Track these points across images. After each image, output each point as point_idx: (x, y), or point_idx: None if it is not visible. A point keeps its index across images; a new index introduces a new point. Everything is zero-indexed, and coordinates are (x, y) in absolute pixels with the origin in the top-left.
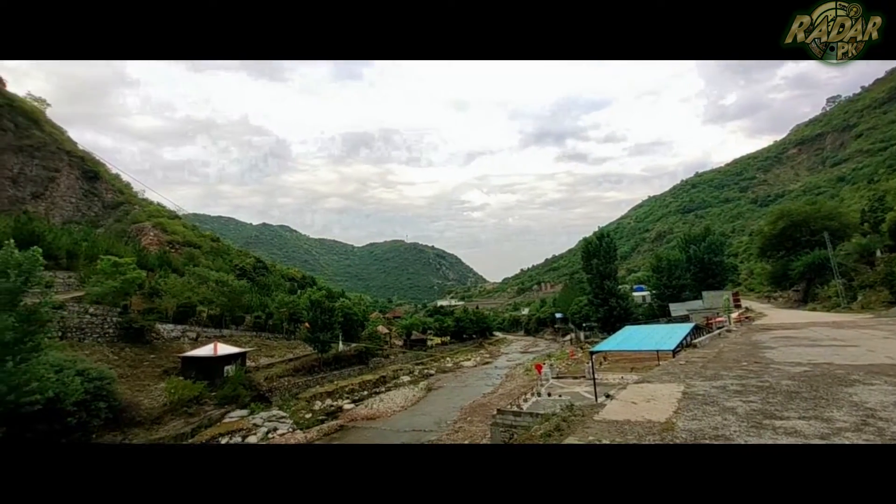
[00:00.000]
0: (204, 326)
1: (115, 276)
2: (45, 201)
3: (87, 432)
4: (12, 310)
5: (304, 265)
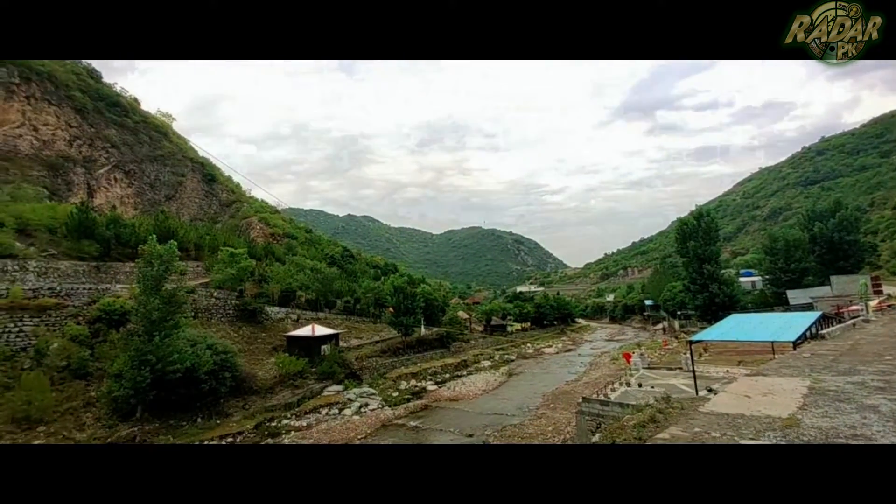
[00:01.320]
0: (303, 309)
1: (232, 265)
2: (176, 202)
3: (216, 397)
4: (157, 293)
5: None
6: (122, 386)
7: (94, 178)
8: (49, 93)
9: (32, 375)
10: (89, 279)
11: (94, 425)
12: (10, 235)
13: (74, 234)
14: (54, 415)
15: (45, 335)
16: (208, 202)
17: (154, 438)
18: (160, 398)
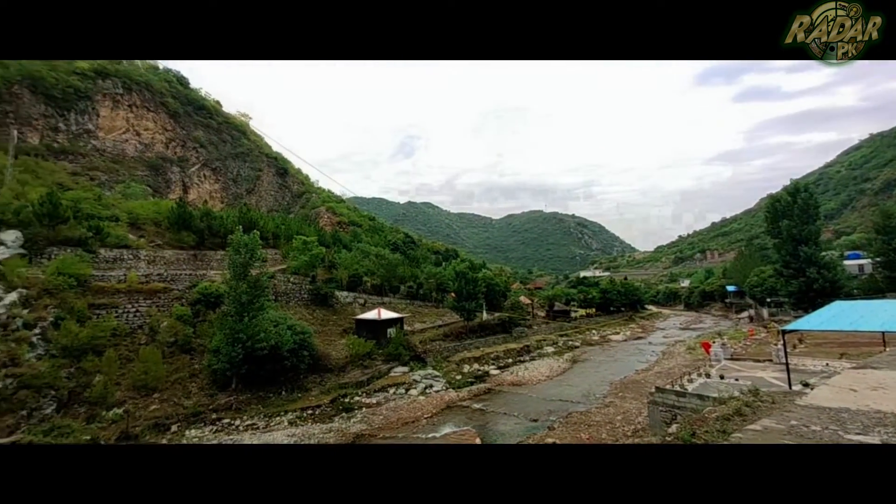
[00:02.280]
0: (369, 294)
1: (305, 252)
2: (255, 195)
3: (297, 373)
4: (244, 279)
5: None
6: (220, 360)
7: (188, 175)
8: (147, 100)
9: (148, 350)
10: (188, 266)
11: (199, 394)
12: (124, 229)
13: (175, 227)
14: (166, 384)
15: (156, 315)
16: (282, 194)
17: (247, 407)
18: (251, 372)
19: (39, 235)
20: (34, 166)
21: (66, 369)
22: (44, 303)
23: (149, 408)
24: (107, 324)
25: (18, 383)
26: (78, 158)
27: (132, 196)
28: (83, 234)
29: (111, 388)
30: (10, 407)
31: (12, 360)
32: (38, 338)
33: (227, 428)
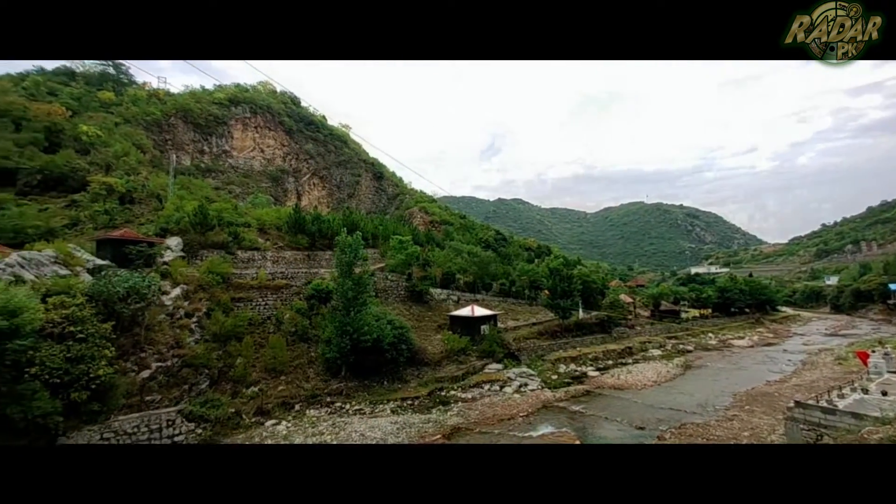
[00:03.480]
0: (462, 291)
1: (401, 251)
2: (355, 199)
3: (397, 365)
4: (349, 276)
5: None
6: (331, 350)
7: (300, 184)
8: (269, 121)
9: (275, 338)
10: (304, 265)
11: (315, 378)
12: (254, 234)
13: (292, 231)
14: (290, 368)
15: (281, 308)
16: (378, 197)
17: (355, 393)
18: (357, 362)
19: (194, 241)
20: (188, 184)
21: (216, 352)
22: (199, 296)
23: (277, 388)
24: (244, 314)
25: (182, 362)
26: (218, 175)
27: (259, 205)
28: (225, 239)
29: (249, 370)
30: (176, 381)
31: (177, 343)
32: (195, 325)
33: (339, 411)
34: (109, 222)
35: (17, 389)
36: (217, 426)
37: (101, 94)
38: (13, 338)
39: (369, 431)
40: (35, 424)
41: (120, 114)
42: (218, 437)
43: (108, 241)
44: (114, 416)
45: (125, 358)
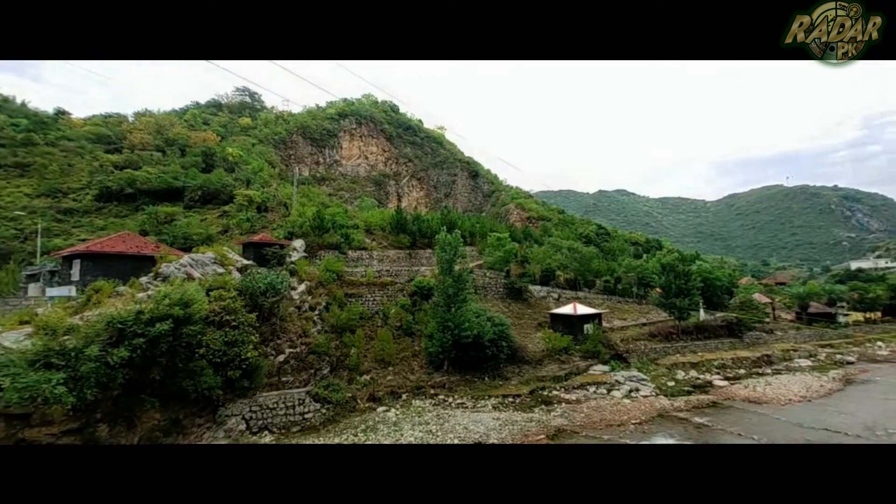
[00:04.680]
0: (562, 288)
1: (499, 248)
2: (452, 198)
3: (497, 362)
4: (449, 274)
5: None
6: (433, 344)
7: (400, 186)
8: (372, 130)
9: (383, 331)
10: (406, 263)
11: (419, 371)
12: (362, 234)
13: (395, 231)
14: (397, 360)
15: (387, 304)
16: (474, 195)
17: (457, 388)
18: (458, 357)
19: (313, 242)
20: (307, 192)
21: (334, 342)
22: (319, 292)
23: (386, 378)
24: (356, 309)
25: (308, 350)
26: (331, 183)
27: (365, 208)
28: (338, 240)
29: (361, 359)
30: (304, 366)
31: (304, 332)
32: (317, 317)
33: (442, 403)
34: (250, 228)
35: (190, 366)
36: (337, 408)
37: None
38: (187, 324)
39: (472, 425)
40: (203, 395)
41: (255, 135)
42: (338, 417)
43: (250, 244)
44: (259, 392)
45: (265, 344)
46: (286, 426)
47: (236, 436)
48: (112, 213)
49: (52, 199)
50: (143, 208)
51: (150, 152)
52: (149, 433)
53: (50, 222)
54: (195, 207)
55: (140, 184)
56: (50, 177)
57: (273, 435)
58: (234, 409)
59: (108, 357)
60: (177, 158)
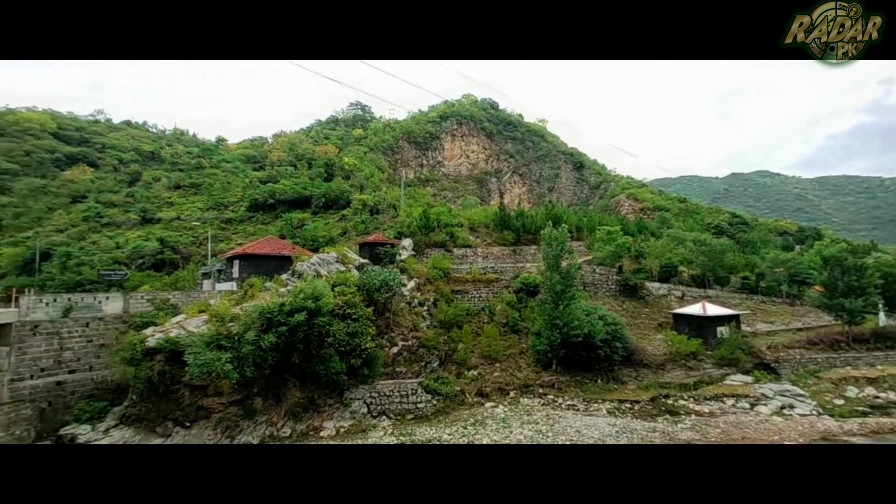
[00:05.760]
0: (686, 286)
1: (609, 243)
2: (555, 192)
3: (611, 364)
4: (556, 270)
5: (797, 215)
6: (541, 342)
7: (502, 183)
8: (472, 129)
9: (489, 328)
10: (510, 260)
11: (527, 369)
12: (466, 232)
13: (498, 228)
14: (503, 356)
15: (492, 300)
16: (579, 188)
17: (567, 388)
18: (568, 356)
19: (421, 241)
20: (413, 193)
21: (442, 336)
22: (427, 288)
23: (493, 374)
24: (462, 305)
25: (418, 343)
26: (434, 183)
27: (468, 206)
28: (443, 238)
29: (468, 355)
30: (415, 358)
31: (415, 327)
32: (426, 312)
33: (551, 403)
34: (365, 230)
35: (321, 353)
36: (447, 400)
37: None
38: (317, 315)
39: (585, 429)
40: (332, 379)
41: (366, 144)
42: (448, 409)
43: (365, 244)
44: (377, 380)
45: (381, 336)
46: (401, 413)
47: (359, 417)
48: (259, 220)
49: (217, 211)
50: (281, 215)
51: (286, 167)
52: (291, 408)
53: (216, 230)
54: (320, 213)
55: (278, 195)
56: (215, 193)
57: (390, 420)
58: (357, 393)
59: (260, 341)
60: (305, 171)
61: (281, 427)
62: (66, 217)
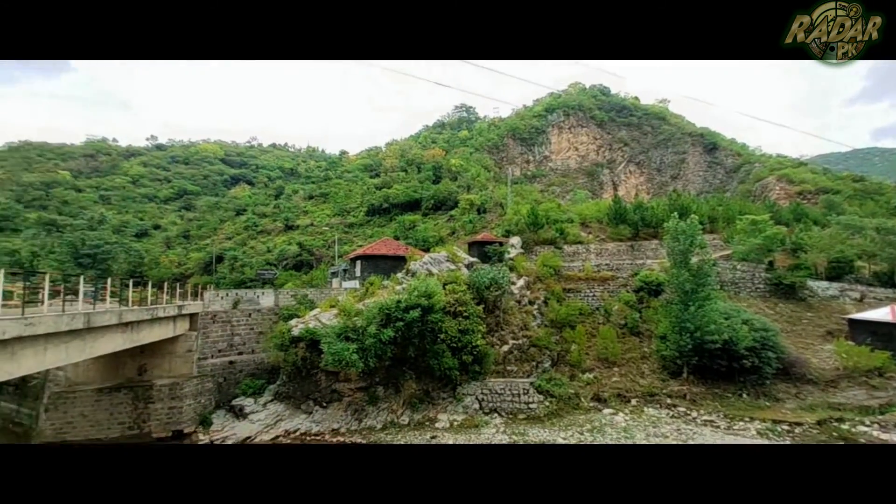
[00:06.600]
0: (868, 285)
1: (755, 234)
2: (681, 180)
3: (761, 377)
4: (685, 266)
5: None
6: (668, 347)
7: (615, 174)
8: (580, 119)
9: (605, 329)
10: (627, 256)
11: (651, 376)
12: (577, 228)
13: (613, 222)
14: (622, 360)
15: (608, 299)
16: (712, 172)
17: (702, 400)
18: (702, 365)
19: (529, 239)
20: (520, 191)
21: (554, 336)
22: (537, 287)
23: (611, 378)
24: (575, 304)
25: (529, 342)
26: (541, 179)
27: (578, 201)
28: (553, 235)
29: (583, 356)
30: (526, 358)
31: (525, 325)
32: (536, 311)
33: (682, 416)
34: (472, 229)
35: (434, 348)
36: (560, 402)
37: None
38: (430, 312)
39: None
40: (445, 374)
41: (472, 145)
42: (562, 412)
43: (474, 243)
44: (488, 377)
45: (491, 334)
46: (513, 412)
47: (472, 412)
48: (376, 223)
49: (341, 217)
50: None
51: (398, 173)
52: (409, 399)
53: (341, 233)
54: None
55: (392, 199)
56: (339, 201)
57: (502, 418)
58: (469, 389)
59: (380, 335)
60: (415, 175)
61: (400, 415)
62: (232, 227)
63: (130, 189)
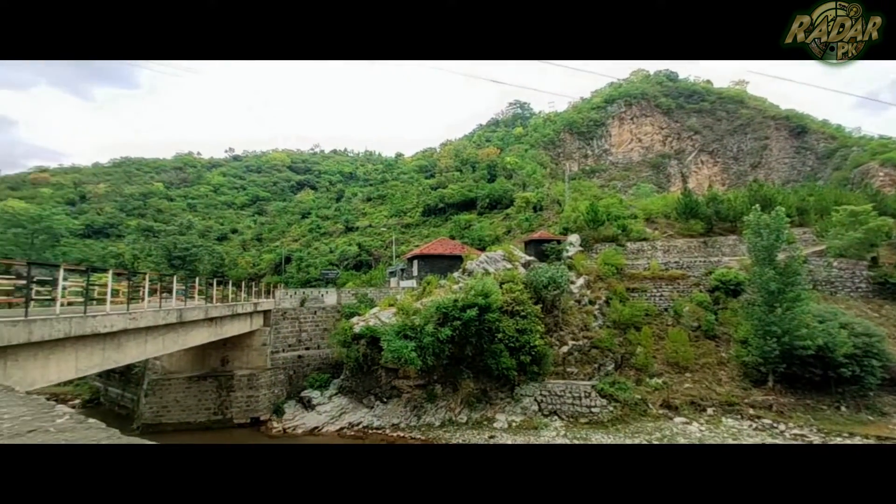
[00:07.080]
0: None
1: (854, 227)
2: (763, 168)
3: (863, 387)
4: (769, 264)
5: None
6: (750, 353)
7: (685, 165)
8: (644, 108)
9: (675, 331)
10: (700, 253)
11: (730, 383)
12: (641, 224)
13: (683, 216)
14: (695, 366)
15: (678, 300)
16: (800, 159)
17: (790, 412)
18: (791, 373)
19: (589, 236)
20: (578, 186)
21: (617, 338)
22: (598, 286)
23: (682, 385)
24: (640, 304)
25: (590, 343)
26: (601, 174)
27: (642, 195)
28: (615, 232)
29: (650, 360)
30: (587, 360)
31: (585, 326)
32: (597, 311)
33: (768, 429)
34: (529, 227)
35: (491, 348)
36: (625, 408)
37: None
38: (487, 311)
39: None
40: (502, 374)
41: (527, 142)
42: (627, 418)
43: (531, 242)
44: (547, 378)
45: (549, 334)
46: (574, 416)
47: (530, 414)
48: (432, 223)
49: (398, 218)
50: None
51: (452, 173)
52: (466, 397)
53: (398, 234)
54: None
55: (447, 199)
56: (396, 202)
57: (562, 421)
58: (527, 390)
59: (438, 334)
60: (470, 174)
61: (458, 413)
62: (298, 230)
63: (213, 197)
